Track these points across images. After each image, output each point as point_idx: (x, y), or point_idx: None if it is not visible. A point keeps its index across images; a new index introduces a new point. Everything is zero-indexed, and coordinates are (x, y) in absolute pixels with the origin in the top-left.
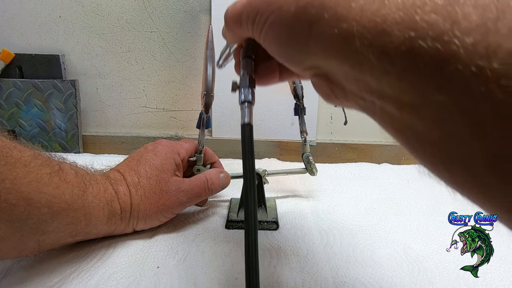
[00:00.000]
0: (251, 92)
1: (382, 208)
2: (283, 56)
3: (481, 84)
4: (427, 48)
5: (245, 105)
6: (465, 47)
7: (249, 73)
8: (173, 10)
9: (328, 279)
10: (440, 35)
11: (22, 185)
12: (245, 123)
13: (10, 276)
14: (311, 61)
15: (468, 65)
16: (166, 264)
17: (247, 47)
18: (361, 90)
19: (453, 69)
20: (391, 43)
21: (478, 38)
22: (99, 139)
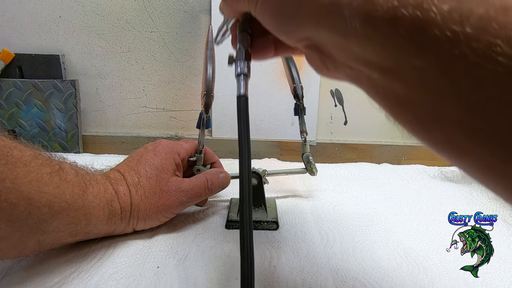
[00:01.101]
0: (247, 65)
1: (382, 208)
2: (277, 28)
3: (454, 47)
4: (408, 16)
5: (240, 78)
6: (441, 14)
7: (245, 46)
8: (173, 10)
9: (328, 279)
10: (420, 3)
11: (22, 184)
12: (240, 94)
13: (10, 276)
14: (303, 33)
15: (443, 30)
16: (166, 264)
17: (244, 21)
18: (349, 59)
19: (431, 34)
20: (376, 12)
21: (454, 5)
22: (99, 139)
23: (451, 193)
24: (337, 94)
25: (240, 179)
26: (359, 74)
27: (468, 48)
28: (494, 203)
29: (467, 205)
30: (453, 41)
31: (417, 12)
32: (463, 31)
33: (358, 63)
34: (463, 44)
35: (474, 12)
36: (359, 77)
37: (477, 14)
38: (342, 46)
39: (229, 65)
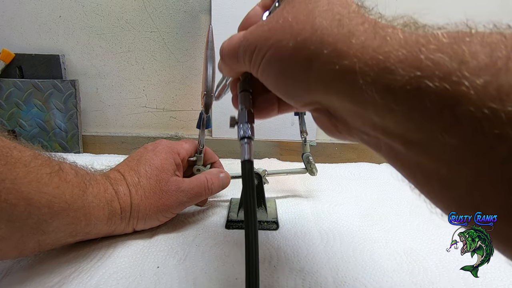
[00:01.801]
0: (250, 127)
1: (382, 208)
2: (281, 92)
3: (495, 126)
4: (434, 88)
5: (244, 141)
6: (475, 88)
7: (247, 107)
8: (173, 10)
9: (328, 279)
10: (448, 75)
11: (22, 185)
12: (245, 159)
13: (10, 276)
14: (311, 97)
15: (479, 107)
16: (166, 264)
17: (245, 80)
18: (365, 126)
19: (464, 110)
20: (395, 81)
21: (489, 79)
22: (99, 139)
23: None
24: None
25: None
26: (377, 142)
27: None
28: None
29: None
30: (492, 119)
31: (445, 84)
32: (504, 110)
33: (377, 131)
34: (506, 124)
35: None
36: (378, 144)
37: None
38: (357, 113)
39: (231, 128)
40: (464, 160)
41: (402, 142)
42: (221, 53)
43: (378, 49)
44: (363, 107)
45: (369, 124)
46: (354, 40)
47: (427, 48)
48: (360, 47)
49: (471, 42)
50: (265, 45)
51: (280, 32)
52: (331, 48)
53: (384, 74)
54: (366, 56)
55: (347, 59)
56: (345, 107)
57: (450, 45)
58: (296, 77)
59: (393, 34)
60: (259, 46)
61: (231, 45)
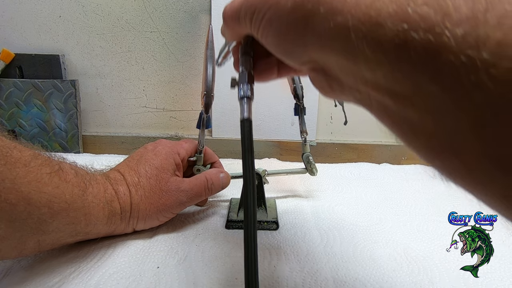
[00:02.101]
0: (250, 88)
1: (382, 208)
2: (281, 51)
3: (471, 73)
4: (419, 40)
5: (244, 101)
6: (455, 38)
7: (248, 69)
8: (173, 10)
9: (328, 279)
10: (431, 27)
11: (22, 184)
12: (244, 118)
13: (10, 276)
14: (308, 55)
15: (458, 55)
16: (166, 264)
17: (246, 44)
18: (357, 83)
19: (444, 59)
20: (385, 35)
21: (468, 30)
22: (99, 139)
23: (451, 193)
24: None
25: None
26: (368, 98)
27: (486, 76)
28: None
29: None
30: (469, 67)
31: (429, 36)
32: (479, 57)
33: (368, 87)
34: (481, 71)
35: (491, 37)
36: (368, 101)
37: (494, 39)
38: (350, 69)
39: (231, 88)
40: (445, 108)
41: (390, 96)
42: (223, 16)
43: (371, 5)
44: (355, 62)
45: (360, 80)
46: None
47: (414, 3)
48: (354, 5)
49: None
50: (265, 6)
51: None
52: (327, 6)
53: (375, 29)
54: (359, 12)
55: (341, 16)
56: (339, 63)
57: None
58: (294, 36)
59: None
60: (259, 7)
61: (233, 8)
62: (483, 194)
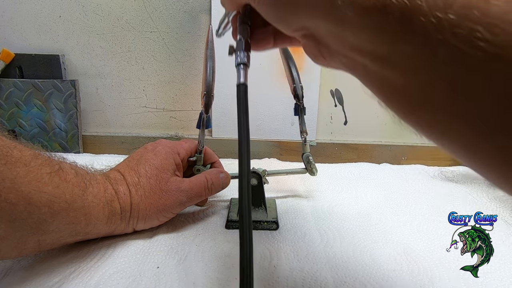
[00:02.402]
0: (247, 55)
1: (382, 208)
2: (275, 19)
3: (438, 32)
4: (397, 4)
5: (240, 67)
6: (427, 2)
7: (245, 37)
8: (173, 10)
9: (328, 279)
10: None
11: (22, 184)
12: (240, 83)
13: (10, 276)
14: (300, 22)
15: (428, 16)
16: (166, 264)
17: (244, 13)
18: (344, 48)
19: (417, 21)
20: (368, 1)
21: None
22: (99, 139)
23: (451, 193)
24: (337, 94)
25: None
26: (354, 63)
27: (451, 34)
28: (494, 203)
29: (467, 205)
30: (437, 26)
31: (405, 0)
32: (446, 18)
33: (353, 51)
34: (446, 30)
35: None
36: (354, 65)
37: (460, 2)
38: (336, 34)
39: (229, 55)
40: (417, 66)
41: (372, 59)
42: None
43: None
44: (342, 27)
45: (347, 45)
46: None
47: None
48: None
49: None
50: None
51: None
52: None
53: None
54: None
55: None
56: (327, 29)
57: None
58: (287, 4)
59: None
60: None
61: None
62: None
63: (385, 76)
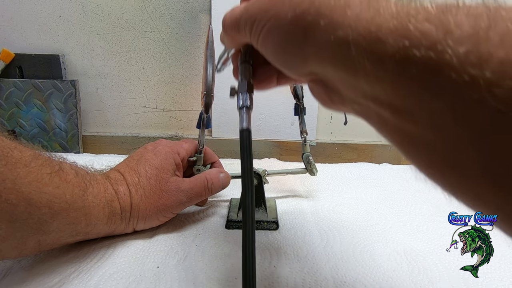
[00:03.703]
0: (249, 97)
1: (382, 208)
2: (280, 62)
3: (474, 92)
4: (420, 57)
5: (243, 111)
6: (457, 56)
7: (247, 78)
8: (173, 10)
9: (328, 279)
10: (433, 44)
11: (22, 185)
12: (243, 128)
13: (10, 276)
14: (308, 67)
15: (461, 73)
16: (166, 264)
17: (245, 52)
18: (357, 95)
19: (447, 77)
20: (385, 51)
21: (470, 48)
22: (99, 139)
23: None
24: None
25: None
26: (368, 111)
27: (489, 94)
28: None
29: None
30: (471, 85)
31: (431, 53)
32: (482, 76)
33: (368, 100)
34: (484, 90)
35: (494, 55)
36: (368, 113)
37: (497, 58)
38: (349, 83)
39: (231, 97)
40: (446, 124)
41: (390, 110)
42: (223, 24)
43: (371, 21)
44: (355, 76)
45: (360, 94)
46: (349, 12)
47: (416, 19)
48: (355, 19)
49: (457, 13)
50: (265, 16)
51: (279, 4)
52: (327, 19)
53: (375, 44)
54: (359, 27)
55: (342, 29)
56: (339, 77)
57: (438, 16)
58: (294, 48)
59: (386, 7)
60: (259, 17)
61: (233, 16)
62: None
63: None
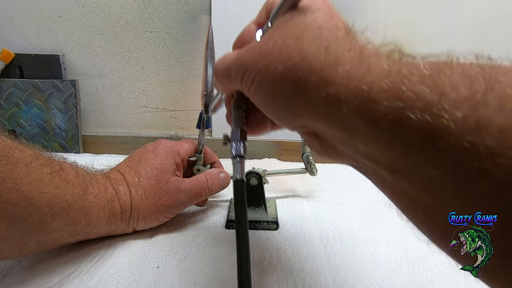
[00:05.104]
0: (243, 145)
1: (382, 208)
2: (271, 114)
3: (474, 160)
4: (415, 120)
5: (237, 160)
6: (455, 121)
7: (240, 126)
8: (173, 10)
9: (328, 279)
10: (428, 107)
11: (23, 184)
12: (237, 179)
13: (11, 276)
14: (299, 121)
15: (459, 139)
16: (166, 264)
17: (238, 98)
18: (352, 152)
19: (445, 142)
20: (378, 112)
21: (467, 112)
22: (99, 139)
23: None
24: None
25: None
26: (365, 167)
27: (491, 164)
28: None
29: None
30: (472, 153)
31: (426, 116)
32: (483, 143)
33: (363, 157)
34: (485, 159)
35: (493, 121)
36: (365, 169)
37: (497, 125)
38: (343, 139)
39: (224, 145)
40: (446, 190)
41: (387, 170)
42: (215, 71)
43: (362, 79)
44: (349, 134)
45: (355, 151)
46: (340, 68)
47: (409, 80)
48: (345, 76)
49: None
50: (256, 67)
51: (270, 56)
52: (318, 75)
53: (367, 103)
54: (350, 85)
55: (333, 87)
56: (332, 133)
57: (431, 77)
58: (284, 101)
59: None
60: (250, 68)
61: (224, 64)
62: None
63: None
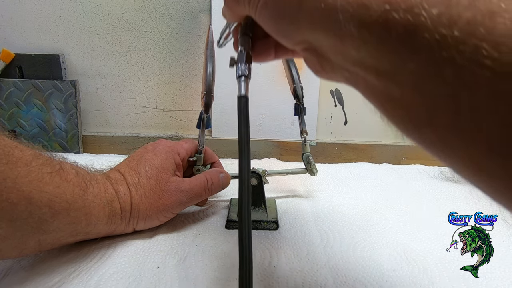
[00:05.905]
0: (248, 67)
1: (382, 208)
2: (276, 31)
3: (443, 49)
4: (399, 19)
5: (241, 79)
6: (431, 18)
7: (246, 49)
8: (173, 10)
9: (328, 279)
10: (410, 7)
11: (23, 184)
12: (241, 95)
13: (10, 276)
14: (301, 36)
15: (433, 33)
16: (166, 264)
17: (245, 25)
18: (346, 62)
19: (421, 37)
20: (369, 16)
21: (442, 10)
22: (99, 139)
23: (451, 193)
24: (337, 94)
25: (239, 180)
26: (356, 77)
27: (456, 51)
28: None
29: (467, 205)
30: (442, 44)
31: (408, 16)
32: (451, 35)
33: (355, 65)
34: (452, 47)
35: (462, 16)
36: (356, 79)
37: (465, 19)
38: (338, 49)
39: (230, 67)
40: (422, 84)
41: (374, 73)
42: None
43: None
44: (343, 42)
45: (349, 60)
46: None
47: None
48: None
49: None
50: None
51: None
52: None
53: (360, 10)
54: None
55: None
56: (329, 43)
57: None
58: (288, 17)
59: None
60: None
61: None
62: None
63: (389, 92)
